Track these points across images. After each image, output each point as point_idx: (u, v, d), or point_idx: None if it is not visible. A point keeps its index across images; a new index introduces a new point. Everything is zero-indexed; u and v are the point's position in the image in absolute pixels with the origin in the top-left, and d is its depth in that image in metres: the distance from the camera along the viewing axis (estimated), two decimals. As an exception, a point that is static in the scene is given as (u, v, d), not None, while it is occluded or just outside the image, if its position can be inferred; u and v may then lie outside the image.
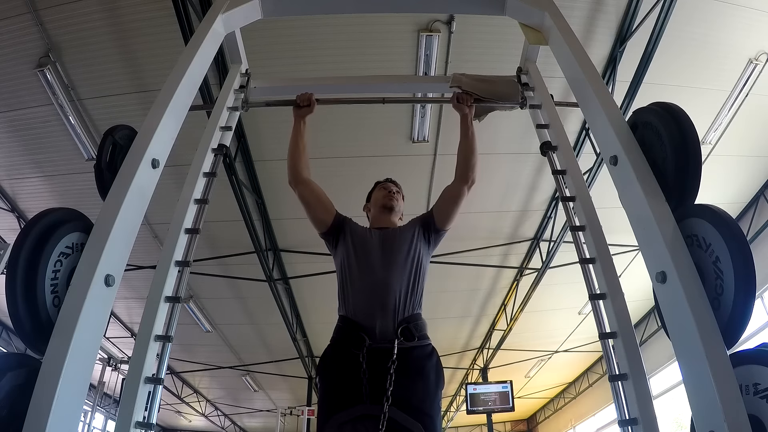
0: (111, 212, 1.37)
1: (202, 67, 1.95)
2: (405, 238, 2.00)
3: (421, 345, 1.81)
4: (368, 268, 1.92)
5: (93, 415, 9.60)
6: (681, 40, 4.50)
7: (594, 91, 1.69)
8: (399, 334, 1.77)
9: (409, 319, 1.83)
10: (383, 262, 1.93)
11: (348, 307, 1.89)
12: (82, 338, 1.18)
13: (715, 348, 1.12)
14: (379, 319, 1.80)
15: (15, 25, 4.10)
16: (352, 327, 1.82)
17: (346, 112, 5.04)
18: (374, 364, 1.70)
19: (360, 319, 1.82)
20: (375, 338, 1.77)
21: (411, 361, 1.75)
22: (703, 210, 1.28)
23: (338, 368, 1.77)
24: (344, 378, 1.73)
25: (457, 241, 6.76)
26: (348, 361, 1.74)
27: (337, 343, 1.85)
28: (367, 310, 1.83)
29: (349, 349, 1.76)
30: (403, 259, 1.93)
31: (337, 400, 1.69)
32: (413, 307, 1.88)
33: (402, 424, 1.61)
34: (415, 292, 1.90)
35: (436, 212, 2.06)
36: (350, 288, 1.92)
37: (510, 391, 10.48)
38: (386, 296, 1.83)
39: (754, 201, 6.71)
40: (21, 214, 6.25)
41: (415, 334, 1.80)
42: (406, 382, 1.69)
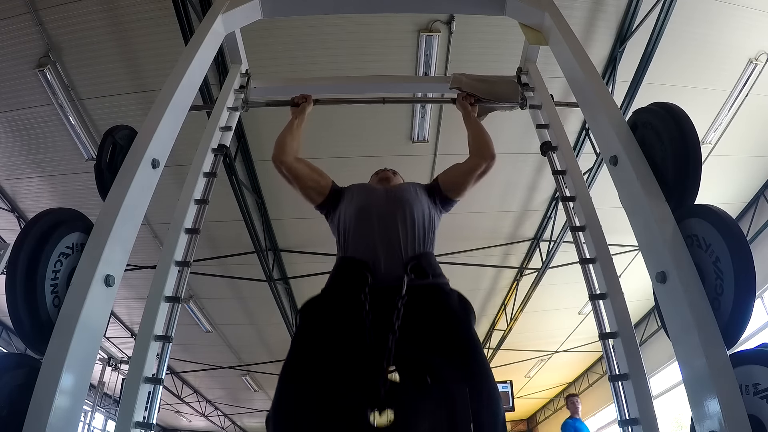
0: (111, 212, 1.38)
1: (202, 67, 1.95)
2: (411, 186, 1.81)
3: (437, 283, 1.50)
4: (372, 205, 1.69)
5: (93, 415, 9.60)
6: (681, 40, 4.50)
7: (594, 91, 1.69)
8: (409, 270, 1.46)
9: (420, 255, 1.54)
10: (389, 197, 1.72)
11: (347, 248, 1.63)
12: (82, 338, 1.18)
13: (715, 348, 1.12)
14: (383, 255, 1.52)
15: (15, 25, 4.10)
16: (352, 264, 1.53)
17: (346, 113, 5.04)
18: (379, 305, 1.36)
19: (361, 256, 1.53)
20: (379, 276, 1.47)
21: (427, 300, 1.41)
22: (703, 210, 1.28)
23: (333, 310, 1.42)
24: (339, 321, 1.38)
25: (457, 241, 6.76)
26: (346, 303, 1.41)
27: (334, 284, 1.53)
28: (369, 246, 1.55)
29: (349, 289, 1.44)
30: (411, 197, 1.72)
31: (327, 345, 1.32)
32: (424, 245, 1.59)
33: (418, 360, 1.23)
34: (425, 229, 1.63)
35: (443, 182, 1.85)
36: (350, 229, 1.66)
37: (510, 391, 10.48)
38: (393, 230, 1.57)
39: (754, 201, 6.70)
40: (21, 214, 6.25)
41: (429, 272, 1.50)
42: (422, 318, 1.36)
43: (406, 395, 1.17)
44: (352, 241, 1.63)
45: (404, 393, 1.18)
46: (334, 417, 1.17)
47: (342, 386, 1.22)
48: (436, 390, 1.18)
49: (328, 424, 1.16)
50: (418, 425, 1.13)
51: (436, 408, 1.15)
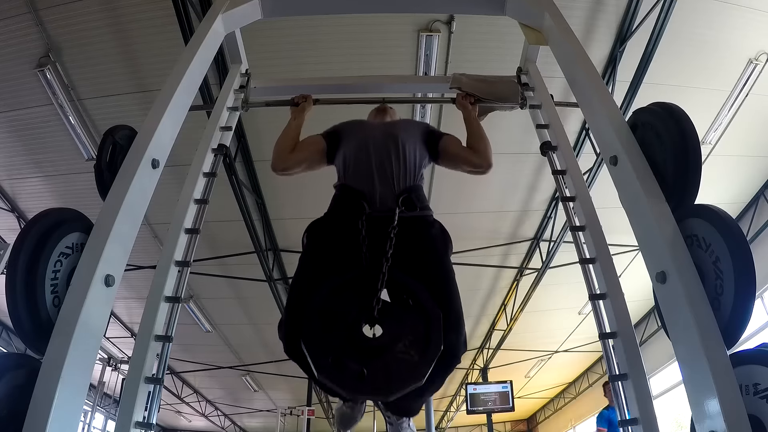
0: (111, 212, 1.38)
1: (202, 67, 1.95)
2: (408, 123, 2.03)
3: (423, 215, 1.76)
4: (369, 138, 1.87)
5: (93, 415, 9.60)
6: (681, 40, 4.50)
7: (594, 91, 1.69)
8: (400, 203, 1.70)
9: (410, 189, 1.77)
10: (385, 132, 1.90)
11: (347, 176, 1.84)
12: (82, 338, 1.18)
13: (715, 348, 1.12)
14: (379, 186, 1.74)
15: (15, 25, 4.10)
16: (351, 194, 1.75)
17: (345, 113, 5.03)
18: (374, 231, 1.63)
19: (359, 186, 1.76)
20: (375, 206, 1.71)
21: (413, 230, 1.68)
22: (703, 210, 1.28)
23: (333, 233, 1.69)
24: (339, 243, 1.64)
25: (457, 241, 6.68)
26: (345, 228, 1.66)
27: (335, 210, 1.78)
28: (366, 176, 1.77)
29: (347, 217, 1.68)
30: (406, 134, 1.89)
31: (330, 264, 1.60)
32: (414, 178, 1.82)
33: (404, 284, 1.51)
34: (415, 163, 1.84)
35: (442, 147, 1.97)
36: (349, 158, 1.86)
37: (510, 391, 10.47)
38: (387, 162, 1.78)
39: (754, 201, 6.71)
40: (21, 214, 6.25)
41: (417, 205, 1.75)
42: (408, 247, 1.62)
43: (393, 313, 1.46)
44: (352, 171, 1.83)
45: (391, 311, 1.46)
46: (335, 326, 1.41)
47: (342, 300, 1.47)
48: (415, 311, 1.46)
49: (329, 332, 1.40)
50: (401, 338, 1.40)
51: (415, 325, 1.43)
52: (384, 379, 1.35)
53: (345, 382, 1.35)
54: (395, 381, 1.35)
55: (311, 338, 1.39)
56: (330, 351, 1.37)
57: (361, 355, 1.37)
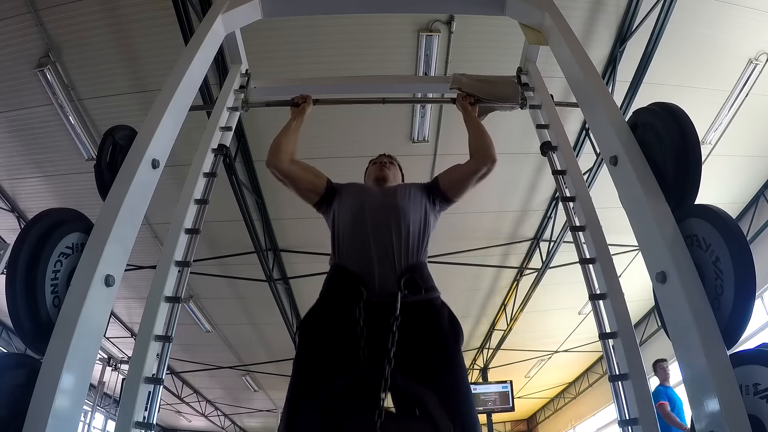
0: (111, 212, 1.38)
1: (202, 67, 1.95)
2: (408, 189, 1.82)
3: (429, 298, 1.58)
4: (366, 210, 1.70)
5: (93, 415, 9.61)
6: (681, 40, 4.50)
7: (594, 91, 1.69)
8: (402, 286, 1.52)
9: (414, 267, 1.59)
10: (384, 203, 1.73)
11: (342, 254, 1.67)
12: (82, 338, 1.18)
13: (715, 348, 1.12)
14: (378, 266, 1.57)
15: (15, 25, 4.10)
16: (346, 277, 1.57)
17: (345, 113, 5.04)
18: (373, 321, 1.45)
19: (356, 267, 1.58)
20: (374, 291, 1.53)
21: (418, 318, 1.50)
22: (703, 210, 1.28)
23: (329, 326, 1.50)
24: (336, 338, 1.46)
25: (457, 241, 6.76)
26: (341, 318, 1.48)
27: (329, 297, 1.60)
28: (364, 255, 1.60)
29: (343, 304, 1.51)
30: (407, 203, 1.73)
31: (327, 365, 1.42)
32: (418, 254, 1.64)
33: (409, 391, 1.33)
34: (419, 237, 1.68)
35: (443, 182, 1.87)
36: (345, 232, 1.69)
37: (510, 391, 10.48)
38: (387, 238, 1.62)
39: (754, 201, 6.70)
40: (21, 214, 6.25)
41: (422, 286, 1.56)
42: (413, 340, 1.44)
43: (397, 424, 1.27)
44: (347, 247, 1.67)
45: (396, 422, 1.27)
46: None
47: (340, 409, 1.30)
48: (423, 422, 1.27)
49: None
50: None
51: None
52: None
53: None
54: None
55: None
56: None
57: None
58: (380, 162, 2.07)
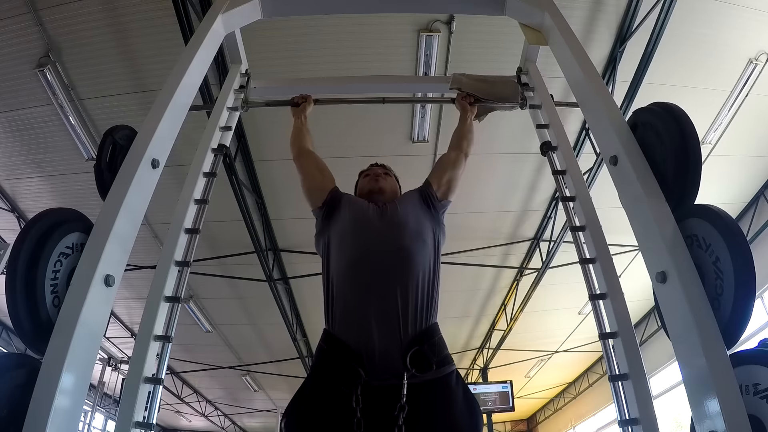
0: (111, 212, 1.38)
1: (202, 67, 1.95)
2: (408, 209, 1.61)
3: (441, 376, 1.31)
4: (363, 255, 1.45)
5: (93, 415, 9.60)
6: (681, 40, 4.50)
7: (594, 91, 1.69)
8: (409, 362, 1.27)
9: (423, 336, 1.33)
10: (384, 242, 1.47)
11: (335, 317, 1.41)
12: (82, 338, 1.18)
13: (715, 348, 1.12)
14: (378, 335, 1.31)
15: (15, 25, 4.10)
16: (340, 352, 1.31)
17: (345, 112, 5.04)
18: (374, 411, 1.21)
19: (351, 338, 1.33)
20: (374, 369, 1.27)
21: (428, 405, 1.24)
22: (703, 210, 1.28)
23: (320, 418, 1.25)
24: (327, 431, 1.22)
25: (457, 241, 6.74)
26: (334, 406, 1.24)
27: (319, 376, 1.36)
28: (361, 320, 1.34)
29: (337, 389, 1.27)
30: (411, 239, 1.48)
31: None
32: (428, 315, 1.37)
33: None
34: (428, 289, 1.41)
35: (435, 182, 1.78)
36: (338, 287, 1.44)
37: (510, 391, 10.47)
38: (391, 296, 1.35)
39: (754, 201, 6.70)
40: (21, 214, 6.24)
41: (432, 360, 1.30)
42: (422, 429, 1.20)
43: None
44: (342, 309, 1.41)
45: None
46: None
47: None
48: None
49: None
50: None
51: None
52: None
53: None
54: None
55: None
56: None
57: None
58: (374, 174, 1.89)
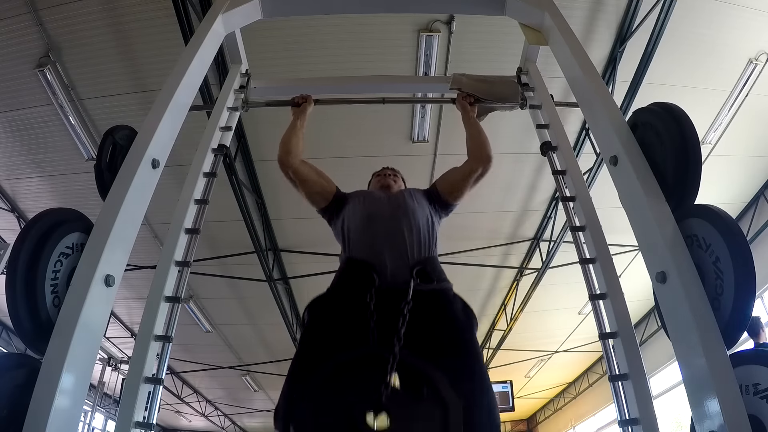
0: (111, 212, 1.38)
1: (202, 67, 1.95)
2: (413, 192, 1.85)
3: (442, 288, 1.55)
4: (376, 210, 1.73)
5: (93, 415, 9.60)
6: (681, 40, 4.50)
7: (594, 91, 1.69)
8: (415, 275, 1.50)
9: (426, 260, 1.58)
10: (393, 204, 1.75)
11: (353, 249, 1.66)
12: (82, 338, 1.18)
13: (715, 348, 1.12)
14: (389, 259, 1.56)
15: (15, 25, 4.10)
16: (357, 265, 1.56)
17: (345, 113, 5.04)
18: (384, 306, 1.40)
19: (367, 258, 1.57)
20: (386, 279, 1.50)
21: (430, 305, 1.45)
22: (703, 210, 1.28)
23: (338, 309, 1.47)
24: (344, 319, 1.42)
25: (457, 241, 6.75)
26: (351, 302, 1.45)
27: (338, 285, 1.57)
28: (375, 249, 1.59)
29: (353, 290, 1.47)
30: (414, 204, 1.76)
31: (334, 342, 1.38)
32: (429, 248, 1.64)
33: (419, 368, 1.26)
34: (429, 234, 1.68)
35: (441, 186, 1.90)
36: (355, 231, 1.69)
37: (510, 391, 10.48)
38: (398, 234, 1.62)
39: (754, 201, 6.70)
40: (21, 214, 6.24)
41: (434, 277, 1.55)
42: (426, 325, 1.39)
43: (403, 403, 1.21)
44: (358, 242, 1.67)
45: (402, 401, 1.21)
46: (337, 415, 1.22)
47: (345, 386, 1.26)
48: (431, 403, 1.22)
49: (331, 423, 1.21)
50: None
51: (430, 420, 1.20)
52: None
53: None
54: None
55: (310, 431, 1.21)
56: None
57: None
58: (384, 174, 2.11)
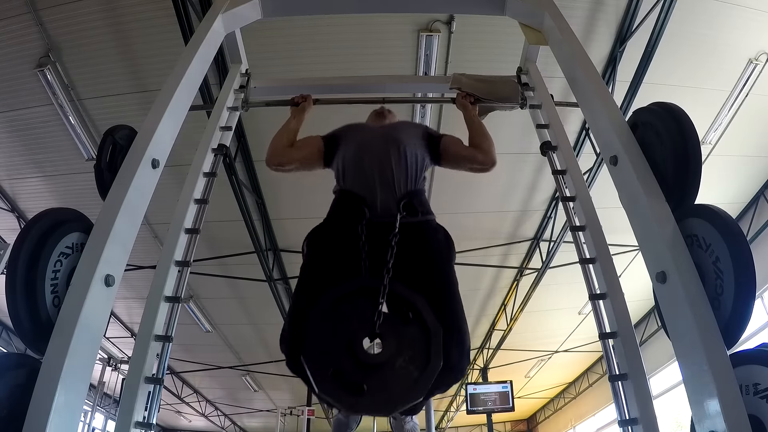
0: (111, 212, 1.38)
1: (202, 67, 1.95)
2: (407, 124, 1.99)
3: (425, 220, 1.73)
4: (367, 142, 1.83)
5: (93, 415, 9.60)
6: (681, 40, 4.50)
7: (594, 91, 1.69)
8: (401, 208, 1.66)
9: (412, 193, 1.73)
10: (384, 135, 1.85)
11: (346, 181, 1.80)
12: (82, 338, 1.18)
13: (715, 348, 1.12)
14: (379, 191, 1.70)
15: (15, 25, 4.10)
16: (350, 199, 1.72)
17: (345, 113, 5.03)
18: (374, 238, 1.60)
19: (359, 191, 1.72)
20: (376, 212, 1.67)
21: (415, 236, 1.64)
22: (703, 210, 1.28)
23: (333, 240, 1.66)
24: (339, 250, 1.61)
25: (457, 241, 6.67)
26: (344, 234, 1.63)
27: (334, 217, 1.75)
28: (366, 181, 1.73)
29: (347, 223, 1.65)
30: (405, 135, 1.85)
31: (330, 273, 1.56)
32: (415, 182, 1.77)
33: (405, 297, 1.47)
34: (417, 166, 1.78)
35: (444, 148, 1.92)
36: (348, 164, 1.82)
37: (510, 391, 10.46)
38: (387, 166, 1.73)
39: (754, 201, 6.70)
40: (21, 214, 6.25)
41: (419, 210, 1.71)
42: (410, 255, 1.58)
43: (393, 327, 1.43)
44: (351, 174, 1.79)
45: (392, 325, 1.43)
46: (335, 340, 1.40)
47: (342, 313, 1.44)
48: (416, 325, 1.43)
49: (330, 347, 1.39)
50: (401, 353, 1.38)
51: (415, 340, 1.41)
52: (383, 396, 1.34)
53: (344, 399, 1.34)
54: (395, 398, 1.35)
55: (311, 353, 1.38)
56: (330, 366, 1.35)
57: (361, 371, 1.35)
58: (380, 110, 2.21)
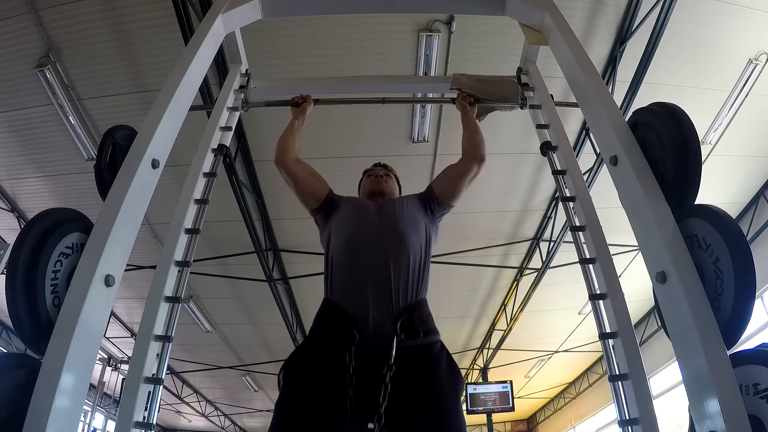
0: (111, 212, 1.38)
1: (202, 67, 1.95)
2: (405, 206, 1.73)
3: (427, 343, 1.45)
4: (363, 236, 1.59)
5: (93, 415, 9.60)
6: (681, 40, 4.50)
7: (594, 91, 1.69)
8: (399, 328, 1.41)
9: (412, 308, 1.48)
10: (382, 227, 1.62)
11: (334, 288, 1.55)
12: (82, 338, 1.18)
13: (715, 348, 1.12)
14: (372, 304, 1.45)
15: (15, 25, 4.10)
16: (337, 315, 1.46)
17: (345, 113, 5.04)
18: (364, 368, 1.32)
19: (348, 304, 1.47)
20: (368, 332, 1.42)
21: (415, 365, 1.37)
22: (703, 210, 1.28)
23: (314, 372, 1.37)
24: (321, 386, 1.33)
25: (457, 241, 6.75)
26: (328, 364, 1.36)
27: (318, 337, 1.48)
28: (357, 291, 1.48)
29: (333, 347, 1.39)
30: (406, 225, 1.63)
31: (310, 415, 1.29)
32: (417, 291, 1.53)
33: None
34: (420, 268, 1.56)
35: (437, 188, 1.82)
36: (338, 263, 1.58)
37: (510, 391, 10.47)
38: (384, 271, 1.50)
39: (754, 201, 6.70)
40: (21, 214, 6.24)
41: (420, 329, 1.45)
42: (408, 394, 1.31)
43: None
44: (341, 280, 1.56)
45: None
46: None
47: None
48: None
49: None
50: None
51: None
52: None
53: None
54: None
55: None
56: None
57: None
58: (376, 174, 1.99)
